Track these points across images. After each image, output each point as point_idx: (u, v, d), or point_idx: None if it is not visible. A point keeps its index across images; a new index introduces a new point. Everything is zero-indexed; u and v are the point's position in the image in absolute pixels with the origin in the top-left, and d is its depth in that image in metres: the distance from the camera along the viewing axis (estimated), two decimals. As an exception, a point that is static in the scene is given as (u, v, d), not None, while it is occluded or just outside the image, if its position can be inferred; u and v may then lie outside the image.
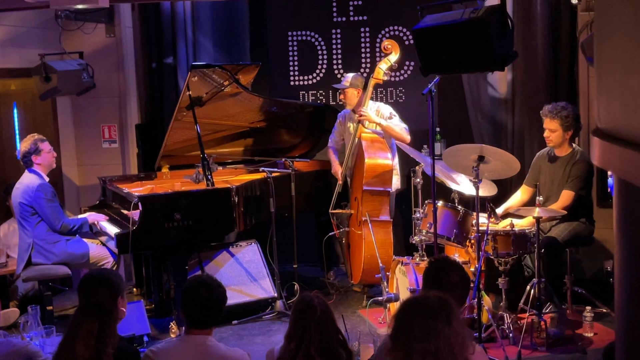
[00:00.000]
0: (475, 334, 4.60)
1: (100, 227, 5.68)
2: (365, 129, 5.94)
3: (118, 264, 5.66)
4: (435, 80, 4.86)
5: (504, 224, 5.03)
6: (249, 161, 6.57)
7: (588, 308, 5.03)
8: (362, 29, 6.83)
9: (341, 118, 6.27)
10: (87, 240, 5.64)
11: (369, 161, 5.78)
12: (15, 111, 6.63)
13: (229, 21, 6.92)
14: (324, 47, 6.91)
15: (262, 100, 6.29)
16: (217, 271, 5.73)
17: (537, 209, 4.73)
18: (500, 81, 6.33)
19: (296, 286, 5.88)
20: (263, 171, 5.89)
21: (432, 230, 4.93)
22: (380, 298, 5.21)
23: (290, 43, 6.95)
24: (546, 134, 5.20)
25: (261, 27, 7.01)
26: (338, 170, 6.12)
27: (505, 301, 4.95)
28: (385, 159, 5.83)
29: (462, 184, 5.40)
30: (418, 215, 5.35)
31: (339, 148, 6.32)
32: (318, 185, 6.43)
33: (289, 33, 6.93)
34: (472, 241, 5.01)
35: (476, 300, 4.64)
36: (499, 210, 5.31)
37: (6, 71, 6.21)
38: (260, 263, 5.92)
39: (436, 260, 3.50)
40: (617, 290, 1.90)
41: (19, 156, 5.50)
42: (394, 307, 5.09)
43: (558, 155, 5.25)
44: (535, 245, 4.79)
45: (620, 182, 1.81)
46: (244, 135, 6.60)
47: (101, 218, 5.73)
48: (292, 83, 6.98)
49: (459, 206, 5.21)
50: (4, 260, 5.94)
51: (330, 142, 6.35)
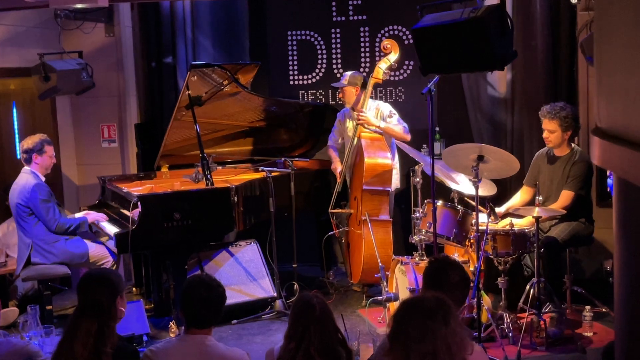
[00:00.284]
0: (474, 334, 4.60)
1: (100, 227, 5.68)
2: (365, 129, 5.93)
3: (117, 264, 5.66)
4: (434, 79, 4.86)
5: (504, 224, 5.03)
6: (249, 161, 6.57)
7: (587, 307, 5.03)
8: (362, 29, 6.83)
9: (340, 117, 6.27)
10: (86, 240, 5.64)
11: (369, 160, 5.78)
12: (14, 111, 6.62)
13: (229, 21, 6.92)
14: (324, 47, 6.91)
15: (262, 99, 6.29)
16: (217, 271, 5.73)
17: (537, 209, 4.73)
18: (499, 81, 6.33)
19: (296, 286, 5.88)
20: (262, 171, 5.89)
21: (432, 229, 4.93)
22: (379, 298, 5.21)
23: (289, 42, 6.94)
24: (545, 135, 5.20)
25: (261, 27, 7.01)
26: (338, 167, 6.11)
27: (504, 301, 4.95)
28: (384, 159, 5.83)
29: (462, 184, 5.40)
30: (417, 214, 5.35)
31: (339, 147, 6.32)
32: (318, 184, 6.43)
33: (289, 32, 6.93)
34: (472, 241, 5.01)
35: (476, 299, 4.64)
36: (501, 209, 5.32)
37: (5, 71, 6.21)
38: (259, 263, 5.92)
39: (436, 259, 3.50)
40: (617, 289, 1.90)
41: (20, 150, 5.49)
42: (394, 307, 5.09)
43: (557, 155, 5.24)
44: (534, 244, 4.79)
45: (620, 182, 1.81)
46: (244, 134, 6.60)
47: (100, 217, 5.73)
48: (292, 82, 6.98)
49: (459, 206, 5.21)
50: (4, 259, 5.94)
51: (330, 142, 6.35)
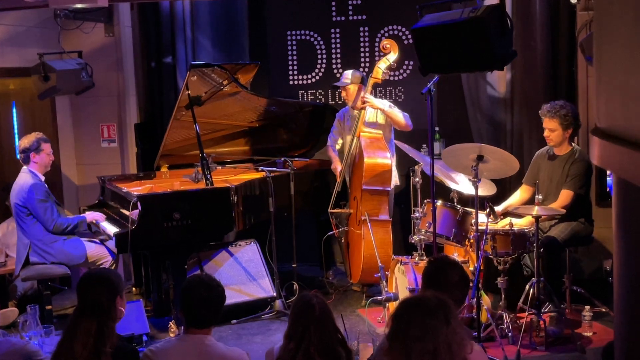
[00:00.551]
0: (474, 334, 4.61)
1: (99, 227, 5.67)
2: (364, 128, 5.94)
3: (116, 263, 5.66)
4: (434, 79, 4.86)
5: (503, 224, 5.03)
6: (248, 160, 6.57)
7: (587, 307, 5.04)
8: (361, 29, 6.83)
9: (340, 117, 6.27)
10: (85, 239, 5.63)
11: (368, 160, 5.78)
12: (14, 111, 6.62)
13: (228, 20, 6.92)
14: (323, 47, 6.91)
15: (261, 99, 6.29)
16: (217, 270, 5.73)
17: (536, 208, 4.74)
18: (499, 80, 6.33)
19: (295, 285, 5.88)
20: (262, 170, 5.89)
21: (431, 229, 4.94)
22: (379, 297, 5.21)
23: (289, 42, 6.94)
24: (546, 134, 5.20)
25: (260, 27, 7.01)
26: (338, 166, 6.11)
27: (504, 300, 4.95)
28: (384, 158, 5.83)
29: (461, 184, 5.40)
30: (417, 214, 5.35)
31: (339, 147, 6.32)
32: (317, 184, 6.43)
33: (288, 32, 6.93)
34: (471, 240, 5.02)
35: (475, 299, 4.64)
36: (499, 208, 5.31)
37: (5, 70, 6.20)
38: (259, 262, 5.92)
39: (435, 259, 3.50)
40: (616, 289, 1.90)
41: (18, 150, 5.49)
42: (393, 307, 5.09)
43: (557, 154, 5.25)
44: (534, 244, 4.79)
45: (619, 182, 1.81)
46: (243, 134, 6.60)
47: (99, 217, 5.72)
48: (291, 82, 6.98)
49: (458, 205, 5.21)
50: (3, 259, 5.94)
51: (329, 141, 6.35)
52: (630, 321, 1.82)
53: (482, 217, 4.87)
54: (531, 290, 4.83)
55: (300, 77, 6.98)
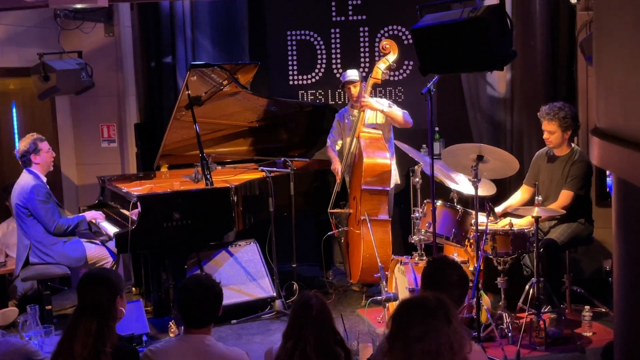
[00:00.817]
0: (474, 334, 4.60)
1: (99, 227, 5.67)
2: (364, 128, 5.94)
3: (117, 264, 5.66)
4: (434, 79, 4.86)
5: (503, 224, 5.03)
6: (248, 160, 6.57)
7: (587, 307, 5.03)
8: (361, 29, 6.83)
9: (339, 117, 6.27)
10: (85, 240, 5.63)
11: (368, 160, 5.78)
12: (14, 110, 6.62)
13: (228, 20, 6.92)
14: (323, 47, 6.91)
15: (261, 99, 6.29)
16: (216, 270, 5.73)
17: (536, 209, 4.73)
18: (499, 80, 6.32)
19: (295, 285, 5.88)
20: (262, 170, 5.89)
21: (431, 229, 4.93)
22: (379, 297, 5.20)
23: (289, 42, 6.94)
24: (545, 136, 5.19)
25: (260, 27, 7.01)
26: (338, 167, 6.11)
27: (504, 301, 4.95)
28: (383, 158, 5.83)
29: (461, 184, 5.40)
30: (417, 214, 5.35)
31: (338, 148, 6.32)
32: (317, 184, 6.43)
33: (288, 32, 6.93)
34: (471, 241, 5.01)
35: (475, 299, 4.65)
36: (499, 209, 5.31)
37: (5, 70, 6.21)
38: (259, 262, 5.92)
39: (435, 259, 3.50)
40: (616, 289, 1.90)
41: (18, 155, 5.49)
42: (393, 307, 5.08)
43: (557, 155, 5.24)
44: (534, 245, 4.79)
45: (619, 182, 1.81)
46: (243, 134, 6.60)
47: (98, 216, 5.72)
48: (291, 82, 6.98)
49: (458, 206, 5.21)
50: (3, 259, 5.94)
51: (329, 142, 6.35)
52: (630, 321, 1.82)
53: (482, 217, 4.87)
54: (531, 290, 4.83)
55: (300, 77, 6.98)
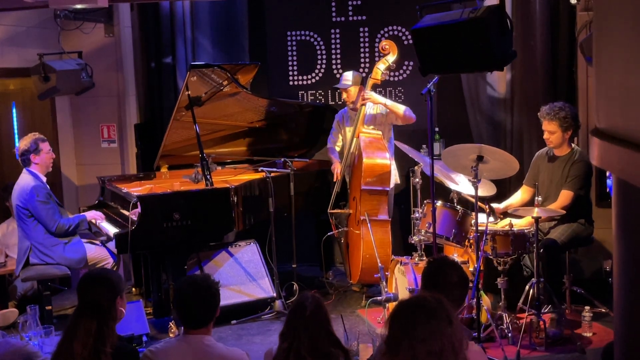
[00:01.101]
0: (474, 334, 4.60)
1: (99, 227, 5.67)
2: (363, 129, 5.94)
3: (117, 265, 5.66)
4: (434, 80, 4.86)
5: (503, 224, 5.03)
6: (248, 161, 6.57)
7: (587, 308, 5.03)
8: (361, 29, 6.83)
9: (339, 119, 6.27)
10: (86, 240, 5.63)
11: (367, 161, 5.78)
12: (14, 111, 6.62)
13: (228, 21, 6.92)
14: (323, 47, 6.91)
15: (261, 100, 6.29)
16: (216, 271, 5.72)
17: (536, 209, 4.73)
18: (499, 81, 6.33)
19: (295, 286, 5.89)
20: (262, 171, 5.89)
21: (431, 230, 4.93)
22: (379, 298, 5.21)
23: (289, 43, 6.94)
24: (546, 136, 5.19)
25: (260, 27, 7.00)
26: (337, 168, 6.11)
27: (504, 301, 4.95)
28: (383, 159, 5.83)
29: (461, 184, 5.40)
30: (417, 215, 5.35)
31: (339, 149, 6.32)
32: (317, 185, 6.43)
33: (288, 33, 6.93)
34: (471, 241, 5.01)
35: (475, 300, 4.64)
36: (500, 206, 5.31)
37: (5, 71, 6.21)
38: (259, 263, 5.92)
39: (435, 259, 3.50)
40: (616, 290, 1.90)
41: (18, 154, 5.49)
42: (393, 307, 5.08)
43: (557, 155, 5.24)
44: (534, 245, 4.79)
45: (619, 182, 1.81)
46: (243, 135, 6.60)
47: (98, 216, 5.72)
48: (291, 83, 6.98)
49: (458, 206, 5.21)
50: (3, 260, 5.94)
51: (329, 143, 6.35)
52: (630, 322, 1.82)
53: (482, 218, 4.87)
54: (531, 290, 4.83)
55: (300, 78, 6.98)
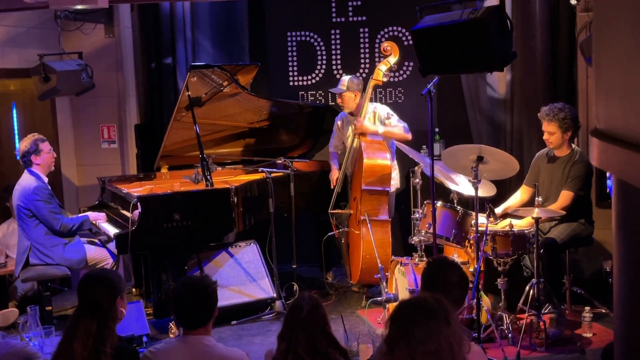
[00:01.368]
0: (474, 335, 4.60)
1: (100, 228, 5.67)
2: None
3: (117, 265, 5.66)
4: (434, 80, 4.86)
5: (503, 225, 5.03)
6: (248, 161, 6.57)
7: (587, 308, 5.03)
8: (361, 30, 6.83)
9: (339, 121, 6.27)
10: (85, 240, 5.63)
11: (368, 161, 5.79)
12: (14, 111, 6.62)
13: (228, 21, 6.92)
14: (323, 48, 6.91)
15: (262, 100, 6.29)
16: (217, 271, 5.72)
17: (536, 210, 4.73)
18: (499, 81, 6.33)
19: (295, 286, 5.88)
20: (262, 171, 5.89)
21: (431, 230, 4.93)
22: (379, 298, 5.21)
23: (289, 43, 6.95)
24: (545, 137, 5.19)
25: (260, 28, 7.01)
26: (335, 176, 6.12)
27: (504, 301, 4.95)
28: (384, 159, 5.84)
29: (461, 185, 5.40)
30: (417, 215, 5.35)
31: (340, 151, 6.32)
32: (317, 185, 6.43)
33: (288, 33, 6.93)
34: (471, 241, 5.01)
35: (475, 300, 4.64)
36: (498, 210, 5.31)
37: (5, 71, 6.21)
38: (259, 263, 5.92)
39: (434, 260, 3.50)
40: (616, 290, 1.90)
41: (19, 156, 5.49)
42: (393, 308, 5.08)
43: (557, 155, 5.25)
44: (534, 245, 4.79)
45: (619, 183, 1.81)
46: (243, 135, 6.60)
47: (100, 217, 5.72)
48: (291, 83, 6.98)
49: (458, 206, 5.21)
50: (3, 260, 5.94)
51: (331, 147, 6.34)
52: (630, 322, 1.82)
53: (482, 218, 4.87)
54: (531, 291, 4.83)
55: (300, 78, 6.98)
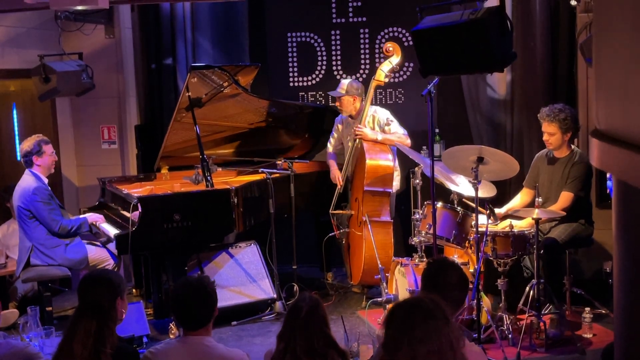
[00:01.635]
0: (474, 335, 4.60)
1: (100, 228, 5.67)
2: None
3: (118, 266, 5.66)
4: (434, 81, 4.86)
5: (503, 225, 5.03)
6: (249, 162, 6.57)
7: (587, 309, 5.03)
8: (362, 30, 6.83)
9: (339, 122, 6.27)
10: (86, 241, 5.63)
11: (370, 162, 5.79)
12: (14, 112, 6.63)
13: (228, 22, 6.92)
14: (323, 48, 6.91)
15: (262, 101, 6.28)
16: (217, 272, 5.72)
17: (536, 210, 4.73)
18: (499, 82, 6.33)
19: (295, 287, 5.88)
20: (262, 172, 5.89)
21: (431, 231, 4.93)
22: (379, 299, 5.22)
23: (289, 44, 6.95)
24: (545, 138, 5.20)
25: (260, 28, 7.01)
26: (337, 175, 6.11)
27: (504, 302, 4.95)
28: (386, 160, 5.84)
29: (462, 185, 5.40)
30: (417, 216, 5.35)
31: (338, 152, 6.31)
32: (317, 186, 6.43)
33: (288, 34, 6.93)
34: (471, 242, 5.01)
35: (475, 301, 4.64)
36: (502, 210, 5.32)
37: (5, 72, 6.21)
38: (259, 264, 5.92)
39: (435, 260, 3.50)
40: (616, 291, 1.90)
41: (20, 155, 5.49)
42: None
43: (557, 156, 5.25)
44: (534, 246, 4.79)
45: (619, 184, 1.81)
46: (244, 136, 6.60)
47: (99, 219, 5.72)
48: (292, 84, 6.98)
49: (458, 207, 5.21)
50: (4, 261, 5.94)
51: (329, 148, 6.34)
52: (630, 323, 1.82)
53: (482, 219, 4.87)
54: (531, 291, 4.83)
55: (300, 79, 6.98)
